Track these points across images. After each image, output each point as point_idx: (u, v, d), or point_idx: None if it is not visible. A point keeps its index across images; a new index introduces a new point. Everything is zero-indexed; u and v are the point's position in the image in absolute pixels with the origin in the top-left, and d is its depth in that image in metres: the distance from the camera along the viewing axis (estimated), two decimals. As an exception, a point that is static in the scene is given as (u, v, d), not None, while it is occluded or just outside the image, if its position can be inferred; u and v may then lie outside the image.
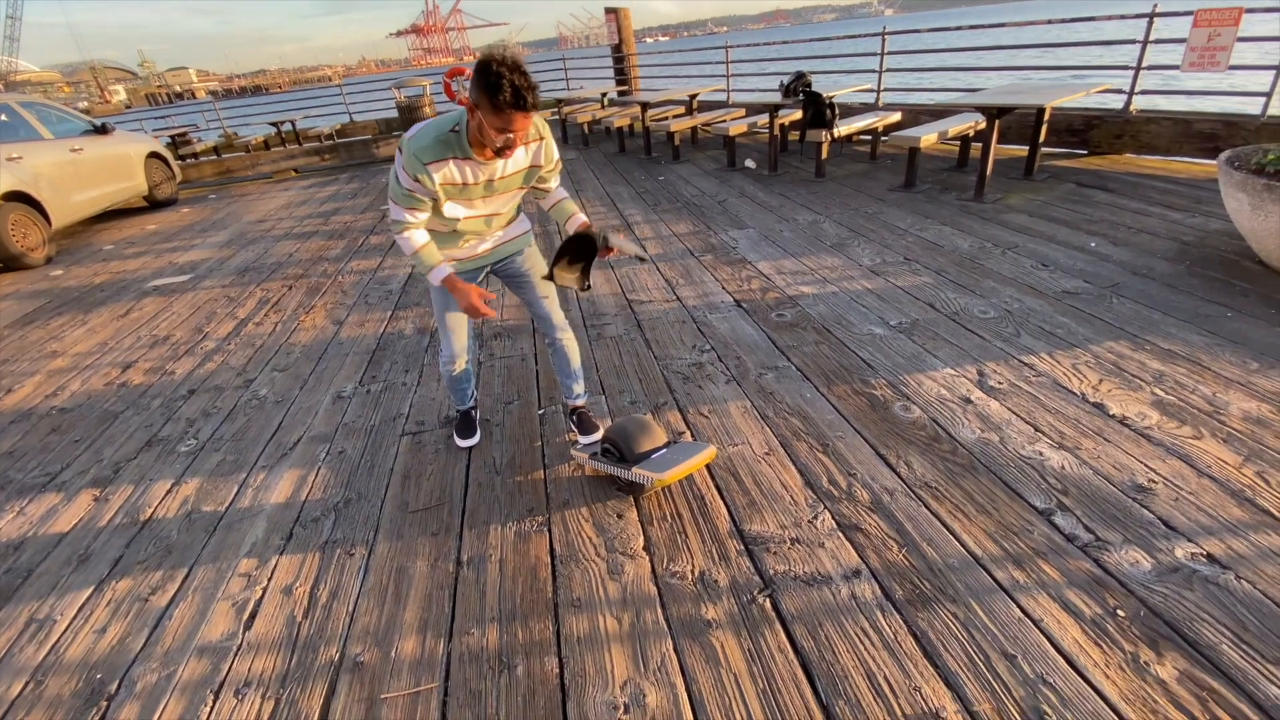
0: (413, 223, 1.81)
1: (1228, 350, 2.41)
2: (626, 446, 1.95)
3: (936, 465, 2.01)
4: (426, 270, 1.89)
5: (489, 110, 1.54)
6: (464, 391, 2.37)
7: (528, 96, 1.52)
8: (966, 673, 1.39)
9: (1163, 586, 1.53)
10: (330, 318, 3.83)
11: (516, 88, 1.49)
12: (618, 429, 2.02)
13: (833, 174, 5.65)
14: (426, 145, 1.67)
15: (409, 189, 1.73)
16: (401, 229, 1.83)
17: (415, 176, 1.69)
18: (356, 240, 5.45)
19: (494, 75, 1.48)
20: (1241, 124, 4.30)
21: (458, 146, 1.69)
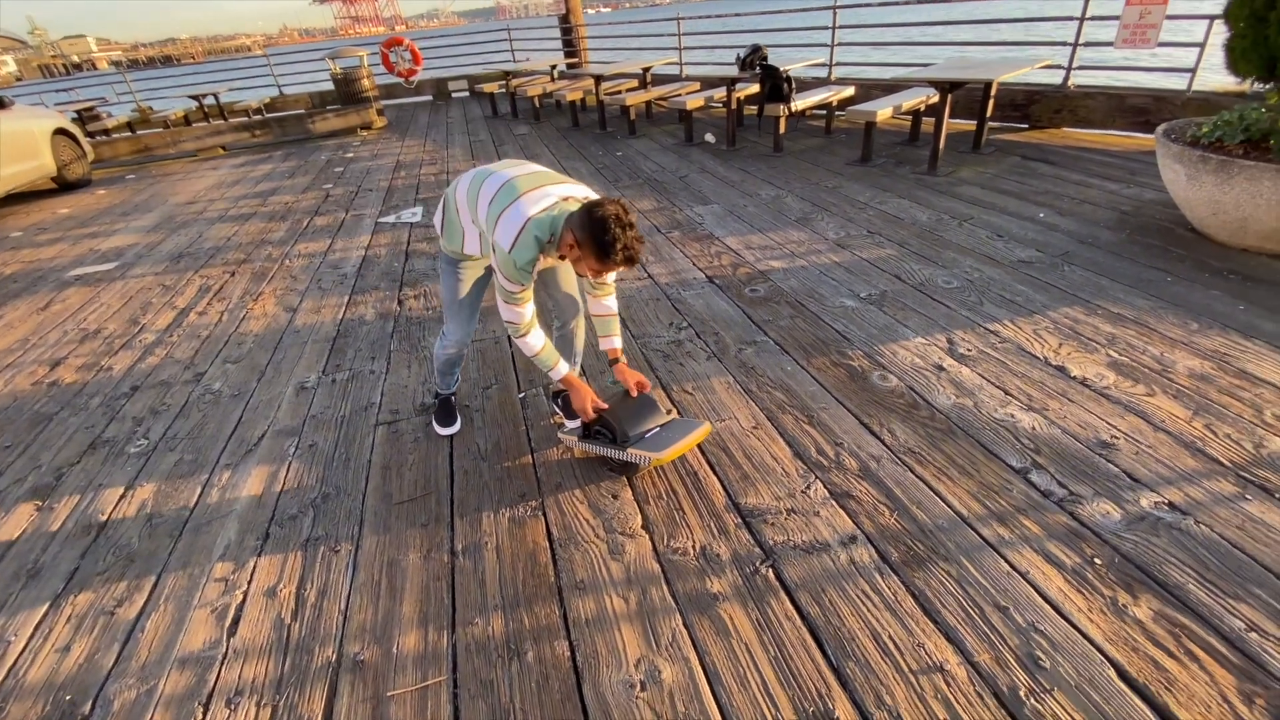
0: (527, 321, 1.85)
1: (1170, 313, 2.58)
2: (619, 427, 1.94)
3: (917, 431, 2.09)
4: (548, 369, 1.94)
5: (595, 259, 1.61)
6: (454, 376, 2.35)
7: (637, 255, 1.60)
8: (965, 626, 1.46)
9: (1132, 534, 1.64)
10: (282, 305, 3.62)
11: (628, 250, 1.57)
12: (609, 410, 1.99)
13: (790, 148, 5.69)
14: (531, 259, 1.70)
15: (519, 291, 1.78)
16: (518, 332, 1.87)
17: (521, 283, 1.76)
18: (300, 222, 5.16)
19: (611, 236, 1.54)
20: (1169, 98, 4.56)
21: (548, 251, 1.74)
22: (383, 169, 6.70)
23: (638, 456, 1.88)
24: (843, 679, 1.38)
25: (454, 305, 2.13)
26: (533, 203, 1.71)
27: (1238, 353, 2.28)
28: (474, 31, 11.72)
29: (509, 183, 1.77)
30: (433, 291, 3.57)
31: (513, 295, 1.78)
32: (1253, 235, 2.84)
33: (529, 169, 1.86)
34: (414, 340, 3.06)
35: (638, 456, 1.88)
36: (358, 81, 8.84)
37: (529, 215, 1.67)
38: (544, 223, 1.68)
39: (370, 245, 4.44)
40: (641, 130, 7.15)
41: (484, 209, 1.78)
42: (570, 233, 1.64)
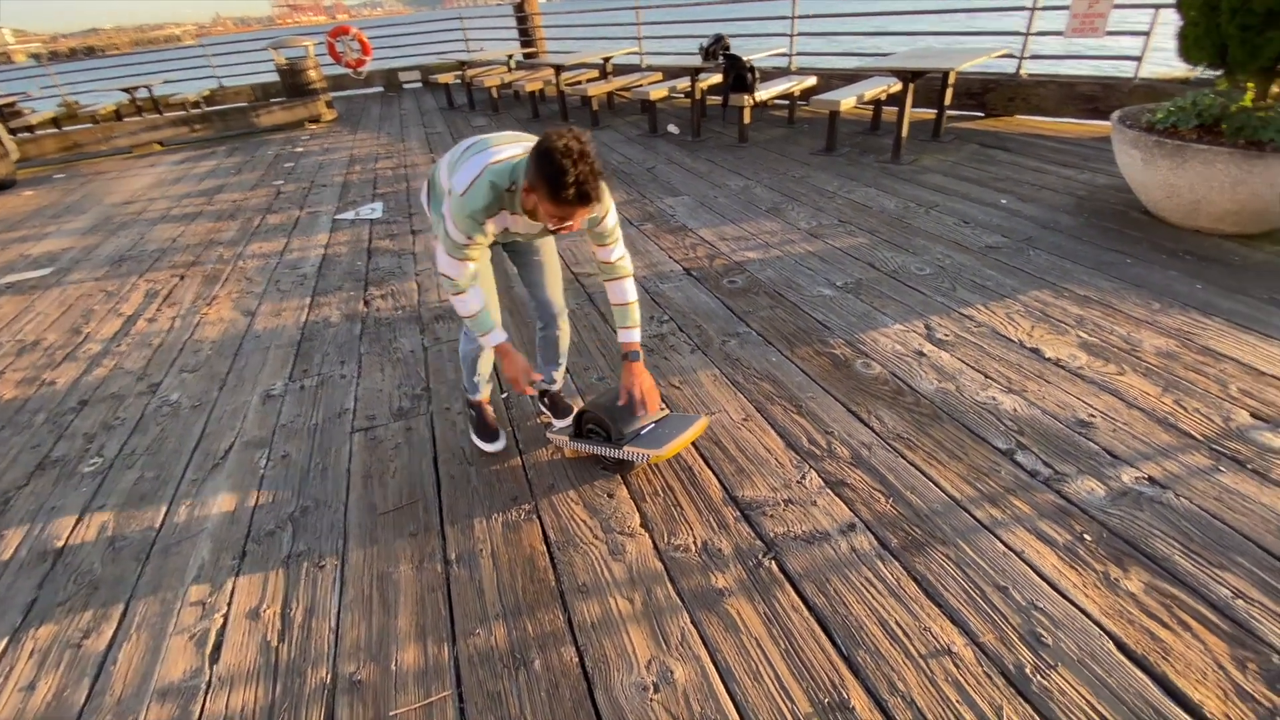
0: (467, 277, 1.70)
1: (1132, 293, 2.68)
2: (612, 424, 1.90)
3: (904, 417, 2.11)
4: (482, 333, 1.82)
5: (547, 199, 1.43)
6: (481, 374, 2.12)
7: (593, 191, 1.41)
8: (967, 608, 1.48)
9: (1117, 510, 1.69)
10: (239, 309, 3.44)
11: (581, 184, 1.38)
12: (601, 407, 1.95)
13: (755, 139, 5.71)
14: (483, 206, 1.55)
15: (463, 243, 1.63)
16: (455, 288, 1.72)
17: (469, 234, 1.61)
18: (251, 221, 4.92)
19: (556, 167, 1.36)
20: (1117, 86, 4.75)
21: (510, 203, 1.59)
22: (336, 164, 6.45)
23: (634, 454, 1.85)
24: (854, 667, 1.38)
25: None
26: (499, 151, 1.58)
27: (1199, 330, 2.39)
28: (423, 21, 11.36)
29: (484, 139, 1.67)
30: (401, 290, 3.45)
31: (458, 247, 1.63)
32: (1205, 217, 2.97)
33: (514, 135, 1.72)
34: (384, 342, 2.94)
35: (634, 454, 1.85)
36: (304, 72, 8.46)
37: (489, 161, 1.55)
38: (503, 170, 1.53)
39: (329, 243, 4.27)
40: (605, 121, 7.07)
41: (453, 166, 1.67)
42: (526, 176, 1.48)
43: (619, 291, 1.84)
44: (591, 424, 1.96)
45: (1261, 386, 2.07)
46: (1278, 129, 2.61)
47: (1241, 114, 2.73)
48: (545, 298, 2.08)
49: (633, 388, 1.89)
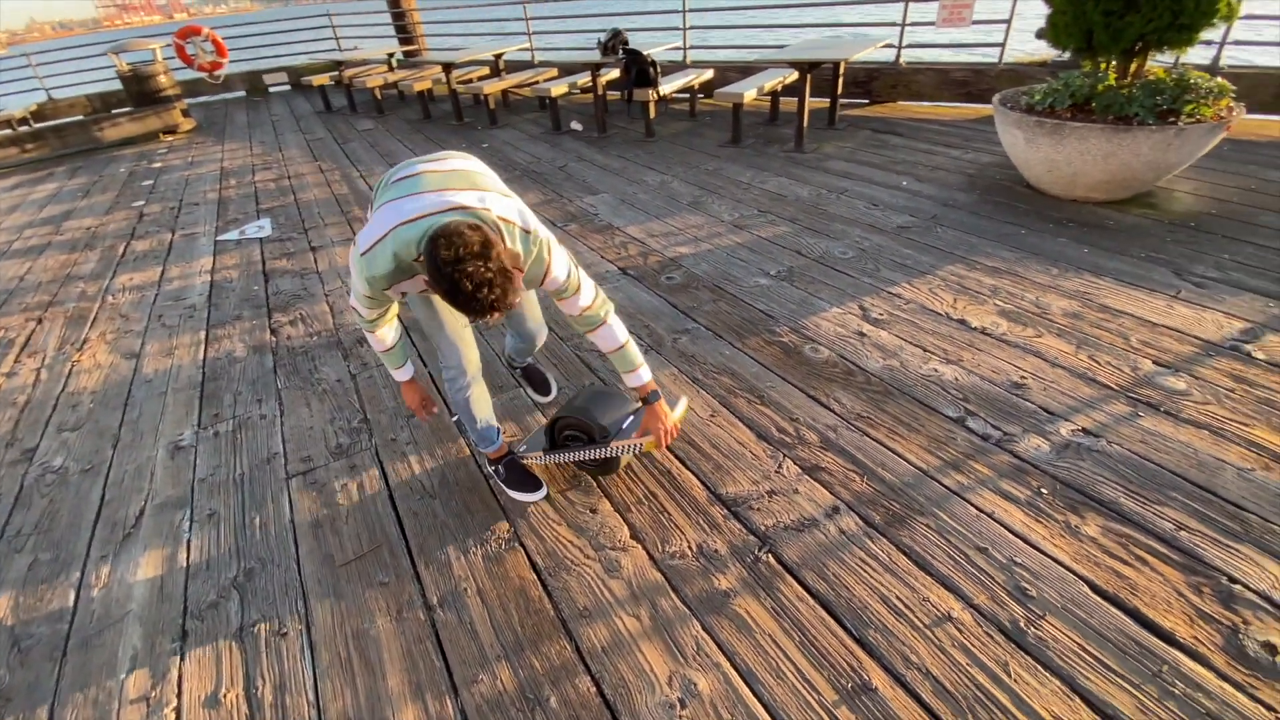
0: (372, 320, 1.59)
1: (1033, 261, 2.94)
2: (594, 423, 1.82)
3: (860, 396, 2.19)
4: (393, 367, 1.77)
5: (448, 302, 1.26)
6: (486, 420, 1.85)
7: (496, 301, 1.22)
8: (957, 573, 1.56)
9: (1063, 462, 1.85)
10: (118, 351, 3.01)
11: (479, 300, 1.20)
12: (577, 410, 1.87)
13: (661, 133, 5.74)
14: (382, 275, 1.36)
15: (366, 295, 1.46)
16: (366, 325, 1.62)
17: (368, 295, 1.45)
18: (114, 249, 4.32)
19: (449, 282, 1.19)
20: (985, 71, 5.20)
21: (415, 267, 1.36)
22: (205, 178, 5.82)
23: (623, 448, 1.78)
24: (868, 648, 1.41)
25: (432, 323, 1.70)
26: (419, 205, 1.34)
27: (1095, 290, 2.66)
28: (284, 19, 10.44)
29: (417, 175, 1.44)
30: (312, 314, 3.16)
31: (365, 300, 1.48)
32: (1081, 187, 3.31)
33: (455, 166, 1.50)
34: (304, 374, 2.68)
35: (623, 448, 1.78)
36: (153, 78, 7.54)
37: (398, 222, 1.32)
38: (411, 239, 1.30)
39: (216, 268, 3.84)
40: (503, 120, 6.84)
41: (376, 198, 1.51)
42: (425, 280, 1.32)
43: (607, 338, 1.64)
44: (568, 430, 1.88)
45: (1156, 336, 2.34)
46: (1141, 104, 2.95)
47: (1108, 93, 3.06)
48: (529, 330, 2.00)
49: (657, 432, 1.73)
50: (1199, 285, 2.63)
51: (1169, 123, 2.97)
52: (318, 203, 4.82)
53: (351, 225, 4.27)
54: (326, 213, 4.58)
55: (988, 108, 5.34)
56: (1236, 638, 1.35)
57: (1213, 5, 2.74)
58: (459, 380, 1.77)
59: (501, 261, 1.21)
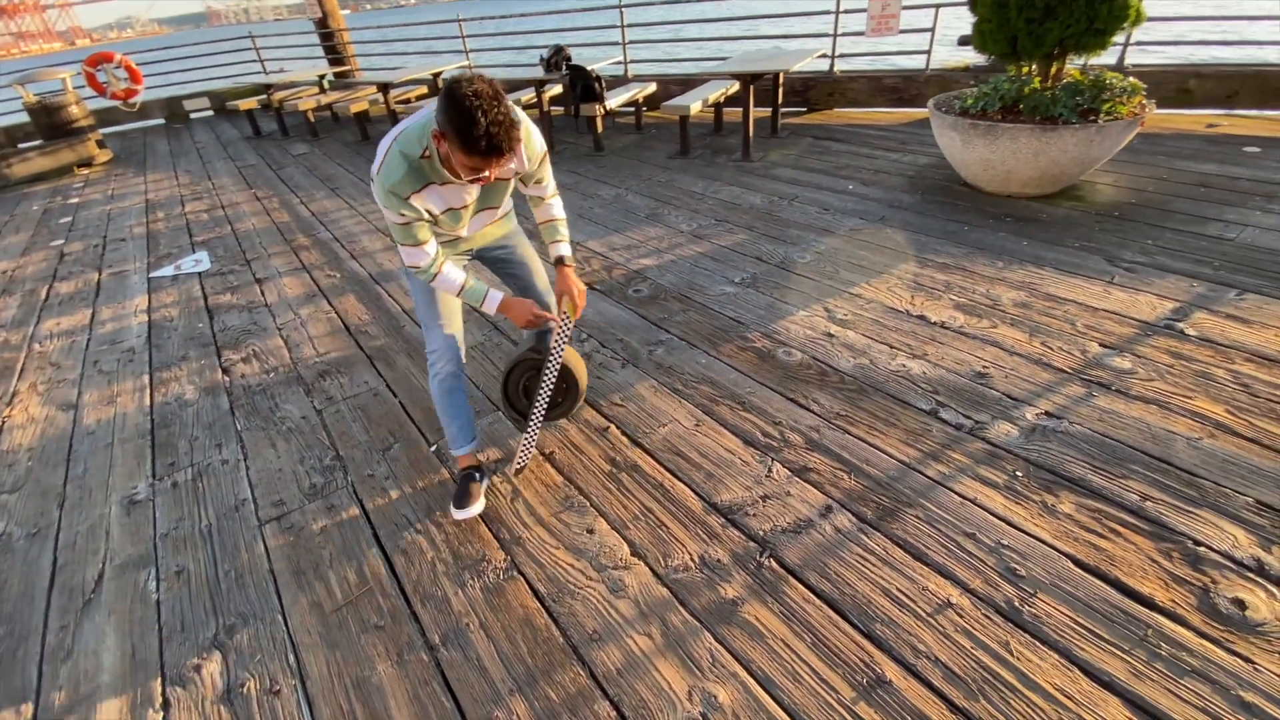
0: (430, 260, 1.61)
1: (979, 256, 3.10)
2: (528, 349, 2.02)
3: (836, 396, 2.26)
4: (478, 302, 1.71)
5: (459, 150, 1.33)
6: (459, 418, 1.89)
7: (505, 141, 1.32)
8: (951, 560, 1.62)
9: (1032, 445, 1.95)
10: (53, 403, 2.80)
11: (493, 134, 1.29)
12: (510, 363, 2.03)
13: (609, 146, 5.78)
14: (400, 179, 1.45)
15: (402, 224, 1.52)
16: (428, 272, 1.63)
17: (401, 212, 1.49)
18: (35, 292, 4.02)
19: (465, 114, 1.26)
20: (914, 77, 5.47)
21: (433, 173, 1.50)
22: (130, 213, 5.49)
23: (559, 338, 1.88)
24: (878, 642, 1.45)
25: (428, 310, 1.80)
26: (413, 117, 1.50)
27: (1038, 280, 2.82)
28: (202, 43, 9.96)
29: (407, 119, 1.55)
30: (265, 349, 3.02)
31: (403, 230, 1.53)
32: (1015, 183, 3.52)
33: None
34: (265, 413, 2.56)
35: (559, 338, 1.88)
36: (64, 109, 7.06)
37: (398, 132, 1.48)
38: (412, 136, 1.45)
39: (152, 307, 3.62)
40: (447, 140, 6.73)
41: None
42: (435, 134, 1.38)
43: (550, 209, 1.81)
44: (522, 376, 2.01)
45: (1099, 320, 2.50)
46: (1064, 105, 3.16)
47: (1034, 95, 3.27)
48: (539, 293, 2.01)
49: (570, 292, 1.82)
50: (1129, 270, 2.83)
51: (1090, 121, 3.20)
52: (258, 232, 4.62)
53: (298, 254, 4.11)
54: (269, 242, 4.39)
55: (919, 111, 5.64)
56: (1208, 597, 1.45)
57: (1124, 11, 2.98)
58: (438, 364, 1.83)
59: (510, 111, 1.31)
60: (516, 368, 2.03)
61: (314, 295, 3.50)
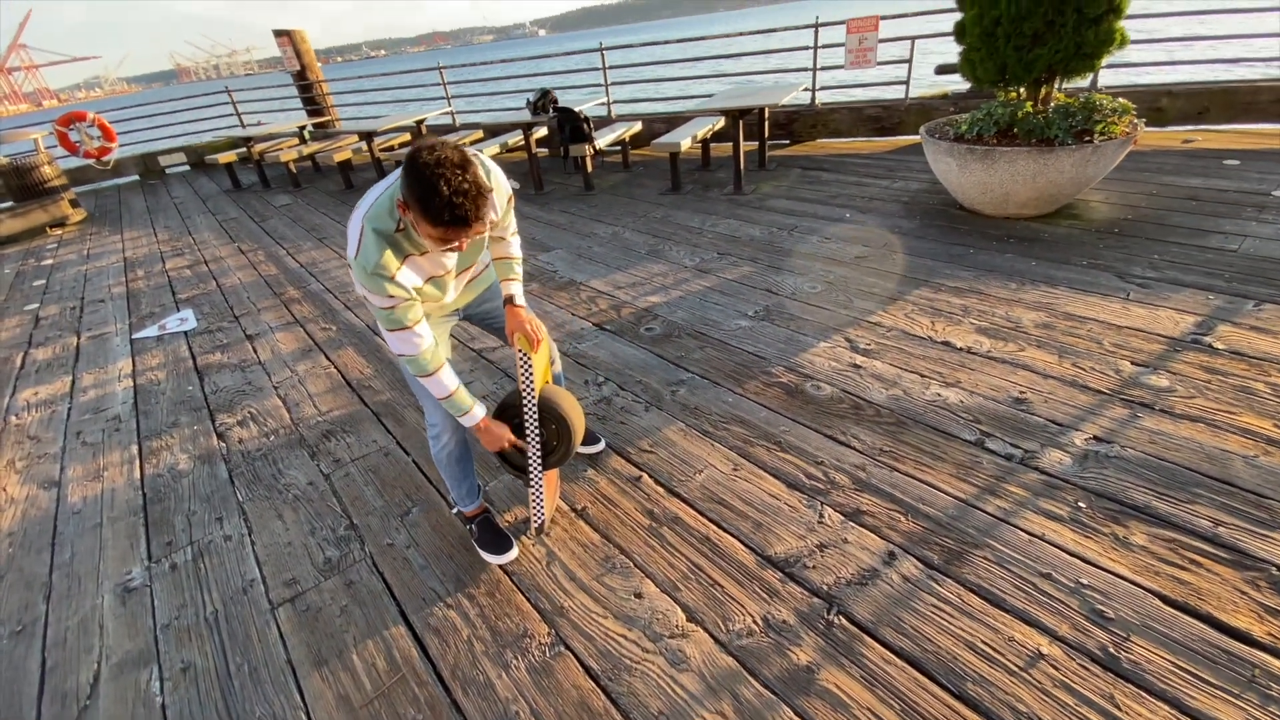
0: (428, 351, 1.50)
1: (990, 278, 3.09)
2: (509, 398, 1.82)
3: (876, 431, 2.17)
4: (461, 414, 1.62)
5: (424, 221, 1.24)
6: (468, 477, 1.86)
7: (471, 210, 1.23)
8: (1032, 605, 1.52)
9: (1088, 473, 1.88)
10: (34, 480, 2.60)
11: (455, 206, 1.20)
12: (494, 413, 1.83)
13: (599, 185, 5.77)
14: (380, 259, 1.35)
15: (389, 307, 1.41)
16: (421, 369, 1.52)
17: (389, 294, 1.38)
18: (9, 360, 3.81)
19: (427, 184, 1.18)
20: (894, 107, 5.58)
21: (410, 244, 1.40)
22: (107, 272, 5.31)
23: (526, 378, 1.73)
24: (972, 703, 1.33)
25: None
26: (375, 189, 1.42)
27: (1054, 299, 2.80)
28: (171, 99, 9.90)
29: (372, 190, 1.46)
30: (263, 411, 2.86)
31: (388, 316, 1.41)
32: (1013, 205, 3.54)
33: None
34: (267, 480, 2.40)
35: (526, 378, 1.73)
36: (36, 170, 6.89)
37: (365, 210, 1.38)
38: (382, 208, 1.36)
39: (137, 371, 3.44)
40: (432, 185, 6.68)
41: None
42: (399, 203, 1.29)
43: (510, 247, 1.70)
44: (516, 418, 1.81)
45: (1124, 338, 2.47)
46: (1059, 126, 3.21)
47: (1028, 119, 3.32)
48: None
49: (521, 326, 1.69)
50: (1143, 285, 2.83)
51: (1085, 141, 3.24)
52: (245, 286, 4.48)
53: (289, 308, 3.97)
54: (257, 296, 4.25)
55: (903, 139, 5.74)
56: (1313, 631, 1.37)
57: (1110, 35, 3.05)
58: (444, 437, 1.75)
59: (478, 178, 1.23)
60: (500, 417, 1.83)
61: (310, 350, 3.36)
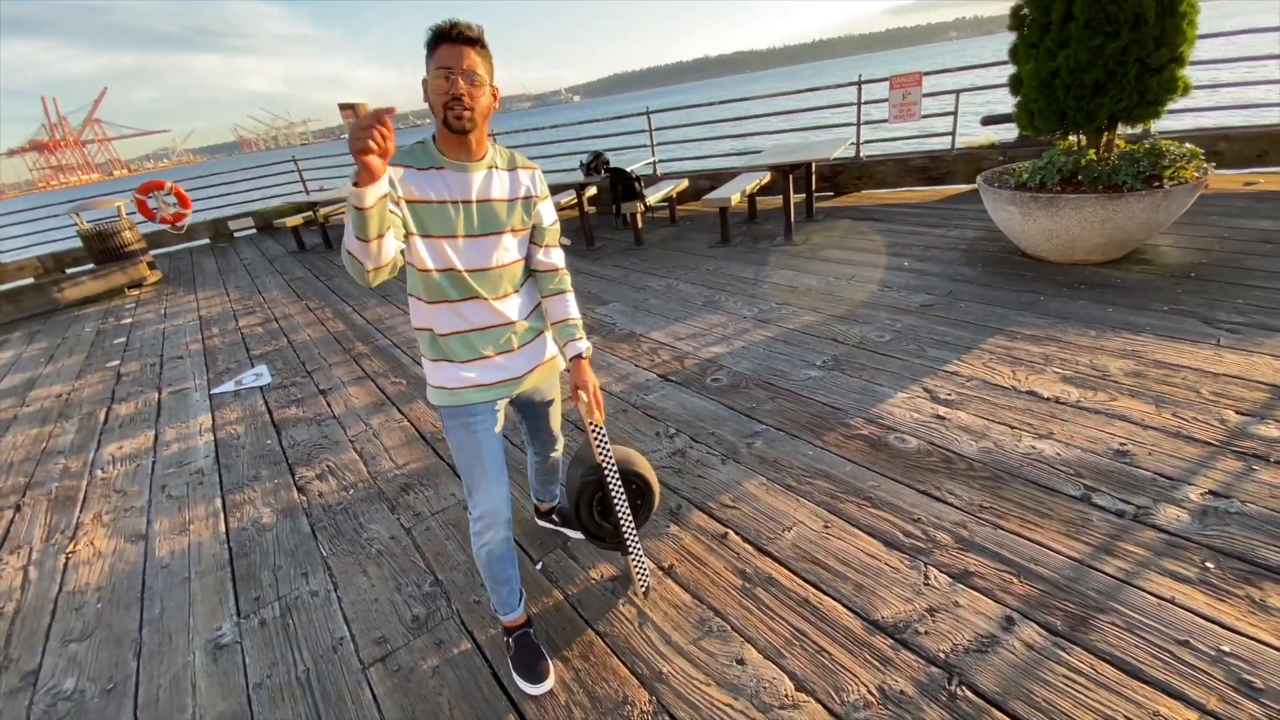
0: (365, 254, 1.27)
1: (1066, 325, 3.01)
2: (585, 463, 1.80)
3: (972, 485, 2.10)
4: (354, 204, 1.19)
5: (428, 60, 1.31)
6: (509, 580, 1.68)
7: (458, 26, 1.30)
8: (1173, 675, 1.40)
9: (1210, 530, 1.76)
10: (121, 534, 2.67)
11: (457, 23, 1.30)
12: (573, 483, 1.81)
13: (648, 240, 5.90)
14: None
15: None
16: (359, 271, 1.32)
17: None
18: (93, 415, 3.99)
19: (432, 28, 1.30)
20: (941, 156, 5.63)
21: (424, 155, 1.40)
22: (184, 330, 5.58)
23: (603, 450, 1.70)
24: (1128, 791, 1.22)
25: (466, 457, 1.58)
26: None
27: (1140, 347, 2.71)
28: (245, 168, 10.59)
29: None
30: (340, 464, 2.91)
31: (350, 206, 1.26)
32: (1080, 251, 3.49)
33: None
34: (350, 535, 2.42)
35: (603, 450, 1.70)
36: (117, 235, 7.40)
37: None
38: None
39: (216, 425, 3.56)
40: (484, 243, 6.94)
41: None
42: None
43: (565, 306, 1.64)
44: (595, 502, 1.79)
45: (1223, 386, 2.36)
46: (1127, 172, 3.18)
47: (1091, 166, 3.30)
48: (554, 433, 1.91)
49: (585, 384, 1.63)
50: (1233, 331, 2.72)
51: (1154, 186, 3.20)
52: (315, 342, 4.65)
53: (359, 363, 4.10)
54: (328, 352, 4.40)
55: (950, 189, 5.76)
56: None
57: (1173, 83, 3.05)
58: (486, 533, 1.60)
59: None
60: (581, 497, 1.79)
61: (383, 404, 3.44)
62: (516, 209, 1.49)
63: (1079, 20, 3.09)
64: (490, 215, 1.45)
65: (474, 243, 1.45)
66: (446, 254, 1.43)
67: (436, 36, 1.29)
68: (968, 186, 5.61)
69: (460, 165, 1.40)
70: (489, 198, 1.44)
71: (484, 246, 1.47)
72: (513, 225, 1.50)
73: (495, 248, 1.48)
